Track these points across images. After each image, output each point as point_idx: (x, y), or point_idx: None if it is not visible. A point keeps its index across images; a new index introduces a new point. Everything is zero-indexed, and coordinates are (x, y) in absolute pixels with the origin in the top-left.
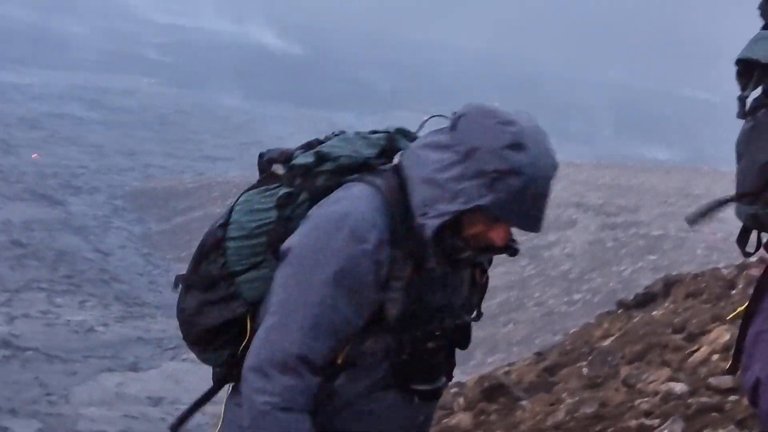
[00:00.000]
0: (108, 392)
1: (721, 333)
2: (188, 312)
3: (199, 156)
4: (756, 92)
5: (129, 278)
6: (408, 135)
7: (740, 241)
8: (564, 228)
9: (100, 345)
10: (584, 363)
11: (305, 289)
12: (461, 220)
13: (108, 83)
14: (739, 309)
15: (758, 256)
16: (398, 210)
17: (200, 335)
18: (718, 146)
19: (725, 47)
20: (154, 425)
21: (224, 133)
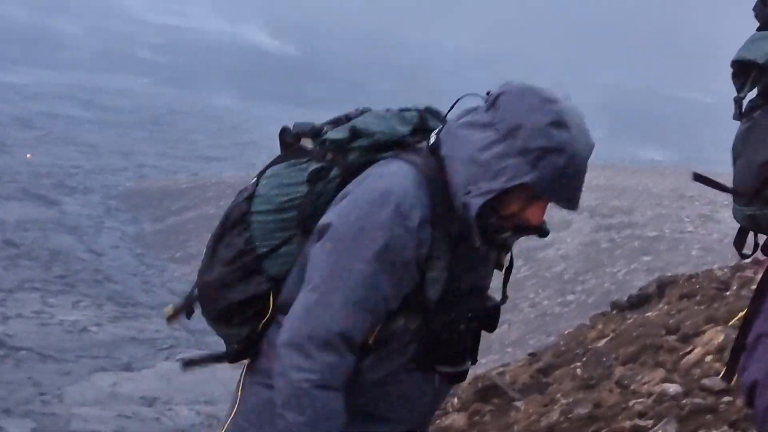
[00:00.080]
0: (101, 392)
1: (715, 334)
2: (212, 286)
3: (194, 156)
4: (752, 93)
5: (122, 278)
6: (437, 114)
7: (737, 243)
8: (558, 229)
9: (94, 345)
10: (578, 364)
11: (347, 266)
12: (499, 200)
13: (102, 83)
14: (741, 314)
15: (753, 258)
16: (437, 189)
17: (222, 311)
18: (714, 147)
19: (720, 48)
20: (148, 425)
21: (219, 134)
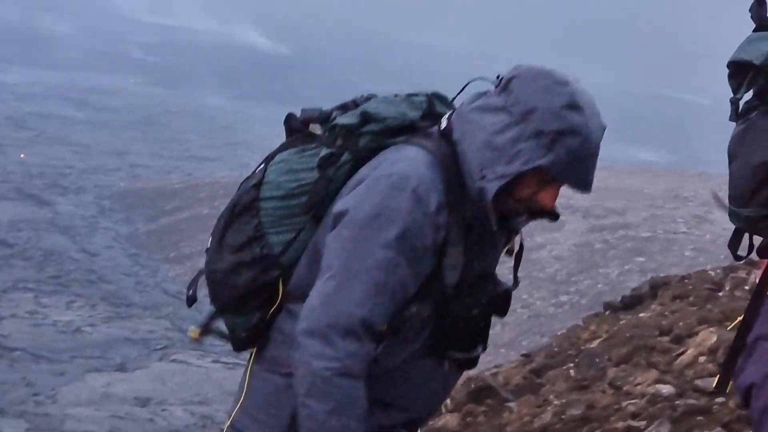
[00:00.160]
0: (95, 392)
1: (708, 335)
2: (221, 274)
3: (186, 156)
4: (748, 95)
5: (116, 278)
6: (444, 99)
7: (732, 245)
8: (552, 230)
9: (87, 345)
10: (571, 365)
11: (366, 252)
12: (514, 184)
13: (94, 83)
14: (738, 319)
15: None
16: (451, 174)
17: (231, 298)
18: (707, 148)
19: (715, 49)
20: (142, 425)
21: (211, 134)
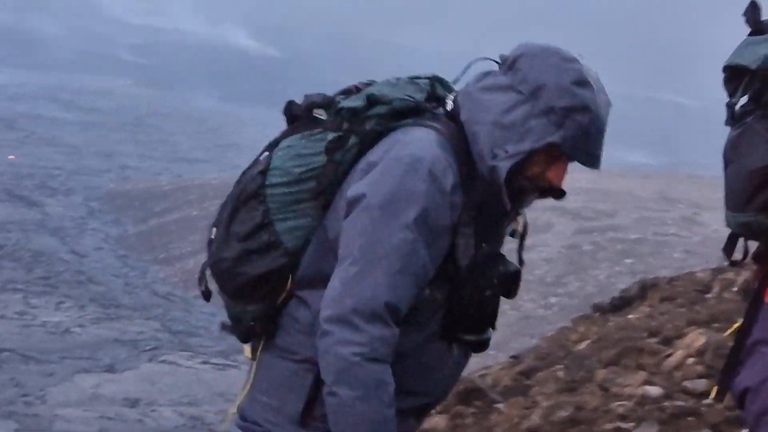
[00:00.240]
0: (84, 393)
1: (697, 337)
2: (229, 262)
3: (176, 158)
4: (743, 99)
5: (105, 280)
6: (443, 82)
7: (727, 250)
8: (541, 232)
9: (77, 346)
10: (560, 367)
11: (386, 235)
12: (524, 162)
13: (83, 84)
14: (736, 325)
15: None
16: (461, 154)
17: (240, 286)
18: (697, 151)
19: (704, 52)
20: (131, 426)
21: (200, 135)
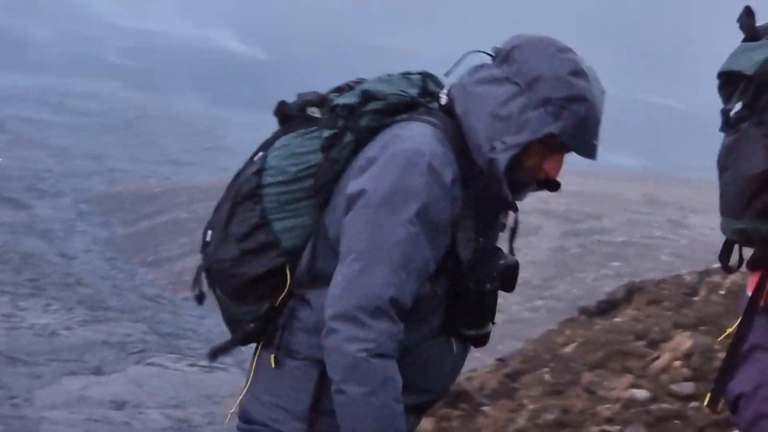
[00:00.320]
0: (71, 395)
1: (683, 340)
2: (228, 263)
3: (164, 160)
4: (738, 105)
5: (93, 282)
6: (434, 78)
7: (723, 257)
8: (527, 234)
9: (64, 348)
10: (546, 369)
11: (388, 231)
12: (521, 154)
13: (71, 86)
14: (729, 330)
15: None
16: (458, 147)
17: (240, 287)
18: (683, 153)
19: (690, 54)
20: (118, 429)
21: (189, 138)
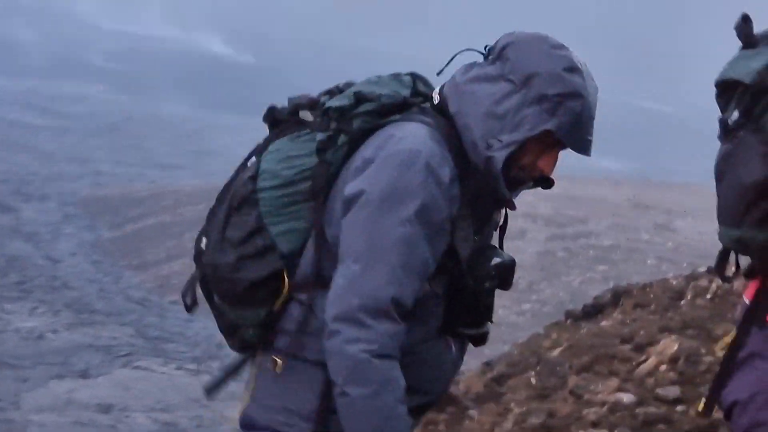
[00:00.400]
0: (58, 399)
1: (670, 343)
2: (226, 268)
3: (151, 164)
4: (735, 113)
5: (79, 285)
6: (423, 79)
7: (719, 266)
8: (514, 238)
9: (50, 351)
10: (532, 373)
11: (387, 231)
12: (517, 151)
13: (57, 90)
14: (726, 338)
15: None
16: (454, 147)
17: (239, 292)
18: (669, 157)
19: (678, 59)
20: None
21: (175, 142)
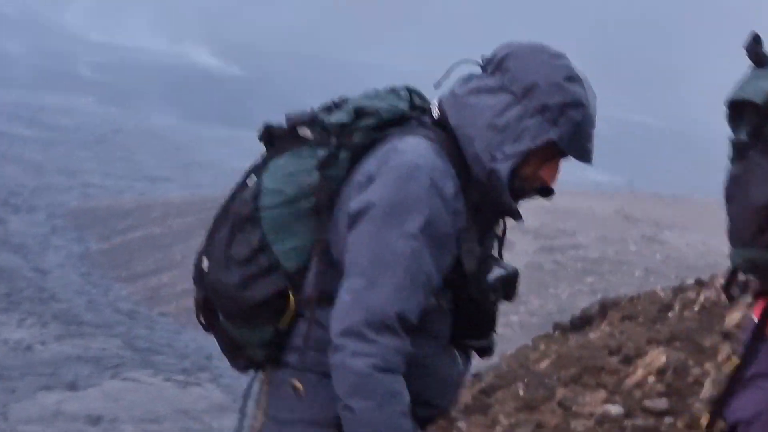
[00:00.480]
0: (46, 410)
1: (657, 355)
2: (231, 288)
3: (139, 176)
4: (745, 133)
5: (68, 297)
6: (418, 93)
7: (727, 286)
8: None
9: (39, 363)
10: (521, 385)
11: (392, 246)
12: (520, 162)
13: (45, 101)
14: (733, 359)
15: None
16: (455, 160)
17: (246, 311)
18: (657, 169)
19: (668, 72)
20: None
21: (163, 154)
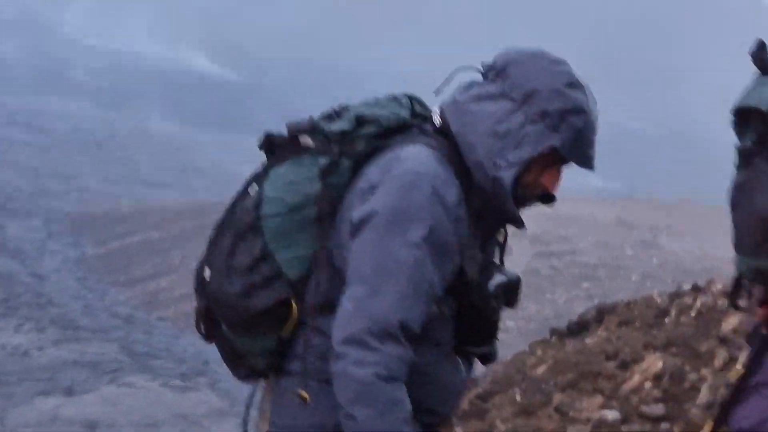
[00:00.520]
0: (44, 415)
1: (654, 361)
2: (233, 297)
3: (136, 181)
4: (750, 140)
5: (65, 302)
6: (418, 100)
7: (733, 294)
8: None
9: (36, 368)
10: (517, 390)
11: (395, 254)
12: (522, 169)
13: (41, 106)
14: (738, 368)
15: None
16: (457, 167)
17: (248, 320)
18: (654, 176)
19: (664, 78)
20: None
21: (160, 159)
